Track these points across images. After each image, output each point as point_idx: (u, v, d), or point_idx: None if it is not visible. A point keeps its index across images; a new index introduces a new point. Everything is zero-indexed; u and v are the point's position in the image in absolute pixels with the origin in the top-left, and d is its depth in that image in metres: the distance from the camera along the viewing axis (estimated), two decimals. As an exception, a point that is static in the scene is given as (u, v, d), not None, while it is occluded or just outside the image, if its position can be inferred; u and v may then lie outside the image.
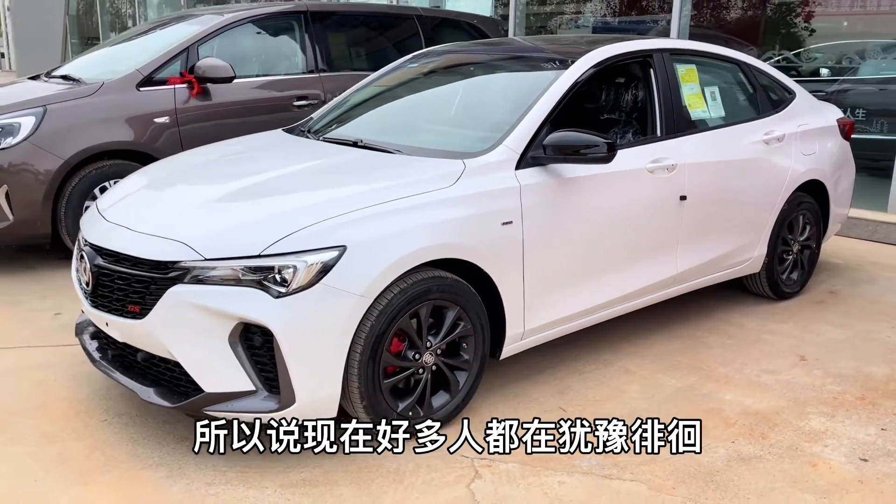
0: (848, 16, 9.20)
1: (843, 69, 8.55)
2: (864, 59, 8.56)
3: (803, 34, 9.03)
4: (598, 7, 10.15)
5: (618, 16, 10.17)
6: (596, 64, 3.54)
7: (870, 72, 8.36)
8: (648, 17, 10.02)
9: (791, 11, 8.86)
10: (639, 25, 9.89)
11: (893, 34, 8.33)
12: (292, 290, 2.55)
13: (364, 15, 6.60)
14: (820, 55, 8.82)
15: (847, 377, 3.56)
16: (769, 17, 9.16)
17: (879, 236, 6.13)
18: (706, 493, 2.61)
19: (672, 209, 3.68)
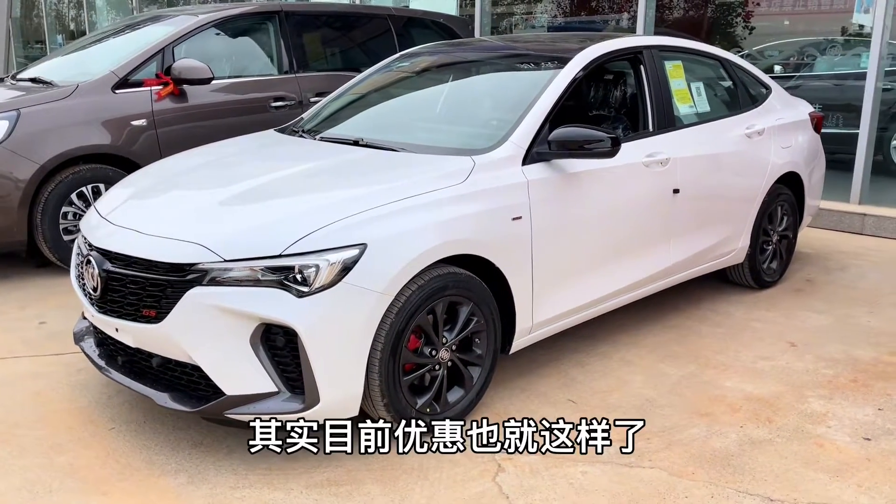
0: (800, 14, 9.53)
1: (798, 65, 8.85)
2: (819, 56, 8.87)
3: (759, 32, 9.32)
4: (558, 7, 10.30)
5: (576, 16, 10.34)
6: (592, 60, 3.61)
7: (825, 68, 8.66)
8: (609, 17, 10.22)
9: (745, 10, 9.13)
10: (595, 25, 10.09)
11: (831, 32, 8.67)
12: (315, 289, 2.54)
13: (338, 15, 6.57)
14: (776, 52, 9.11)
15: (837, 361, 3.69)
16: (722, 16, 9.43)
17: (844, 226, 6.36)
18: (725, 477, 2.68)
19: (666, 202, 3.77)
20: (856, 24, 8.54)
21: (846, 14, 8.82)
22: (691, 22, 9.42)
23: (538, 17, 10.38)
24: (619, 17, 10.22)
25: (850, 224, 6.33)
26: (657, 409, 3.19)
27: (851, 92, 7.53)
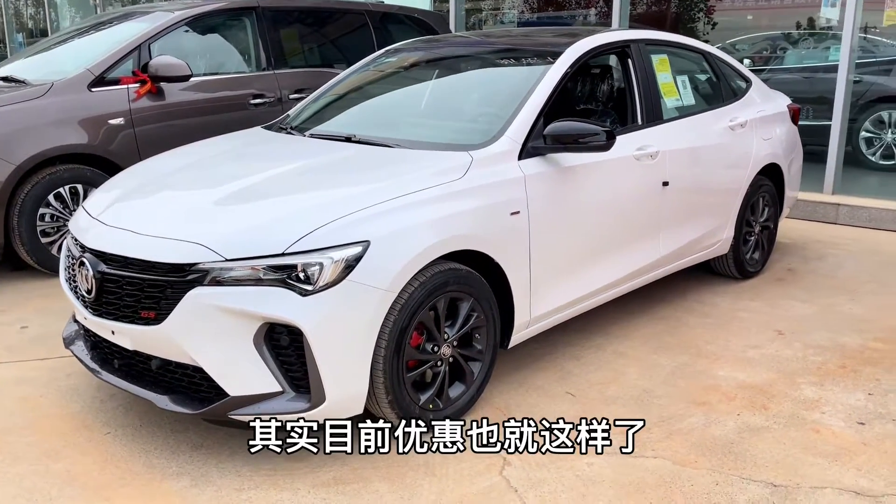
0: (766, 10, 9.70)
1: (768, 58, 9.00)
2: (789, 49, 9.03)
3: (729, 26, 9.45)
4: (526, 3, 10.36)
5: (544, 12, 10.41)
6: (583, 54, 3.62)
7: (794, 61, 8.82)
8: (577, 12, 10.30)
9: (710, 4, 9.27)
10: (564, 20, 10.16)
11: (798, 26, 8.84)
12: (319, 287, 2.52)
13: (315, 10, 6.50)
14: (746, 46, 9.24)
15: (825, 348, 3.76)
16: (685, 10, 9.56)
17: (818, 216, 6.49)
18: (727, 464, 2.72)
19: (656, 195, 3.80)
20: (823, 18, 8.73)
21: (814, 8, 9.01)
22: (659, 16, 9.54)
23: (506, 13, 10.42)
24: (587, 12, 10.31)
25: (825, 214, 6.46)
26: (654, 399, 3.23)
27: (821, 84, 7.67)
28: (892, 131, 7.63)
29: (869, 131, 7.73)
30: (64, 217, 4.87)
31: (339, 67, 6.40)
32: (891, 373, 3.48)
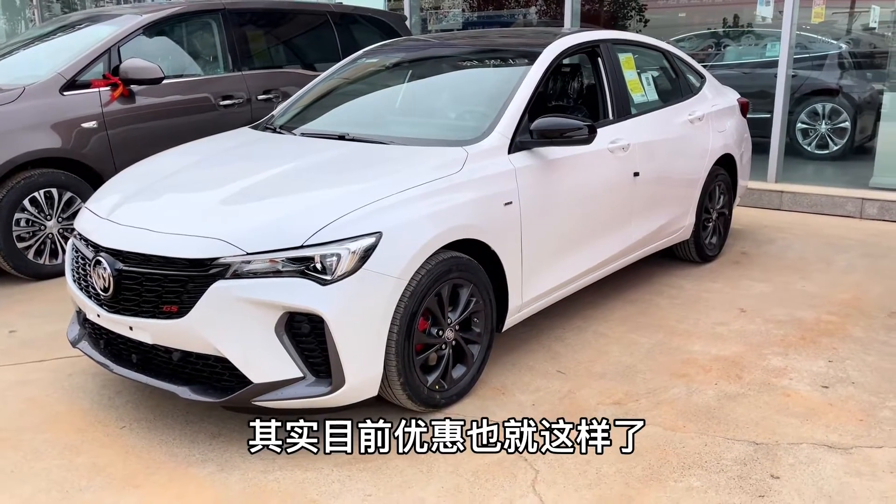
0: (701, 7, 10.16)
1: (709, 56, 9.43)
2: (728, 46, 9.49)
3: (660, 24, 9.88)
4: (470, 4, 10.62)
5: (484, 10, 10.71)
6: (560, 53, 3.85)
7: (733, 57, 9.27)
8: (516, 11, 10.61)
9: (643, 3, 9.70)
10: (505, 19, 10.47)
11: (734, 23, 9.32)
12: (338, 276, 2.67)
13: (279, 12, 6.59)
14: (686, 43, 9.66)
15: (784, 322, 4.08)
16: (619, 9, 9.96)
17: (764, 203, 6.90)
18: (712, 427, 2.98)
19: (628, 185, 4.06)
20: (759, 16, 9.20)
21: (745, 6, 9.49)
22: (594, 15, 9.89)
23: (450, 13, 10.64)
24: (527, 11, 10.62)
25: (770, 201, 6.87)
26: (638, 374, 3.48)
27: (760, 80, 8.12)
28: (826, 122, 8.13)
29: (805, 123, 8.22)
30: (40, 222, 4.87)
31: (305, 67, 6.53)
32: (845, 342, 3.81)
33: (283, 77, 6.25)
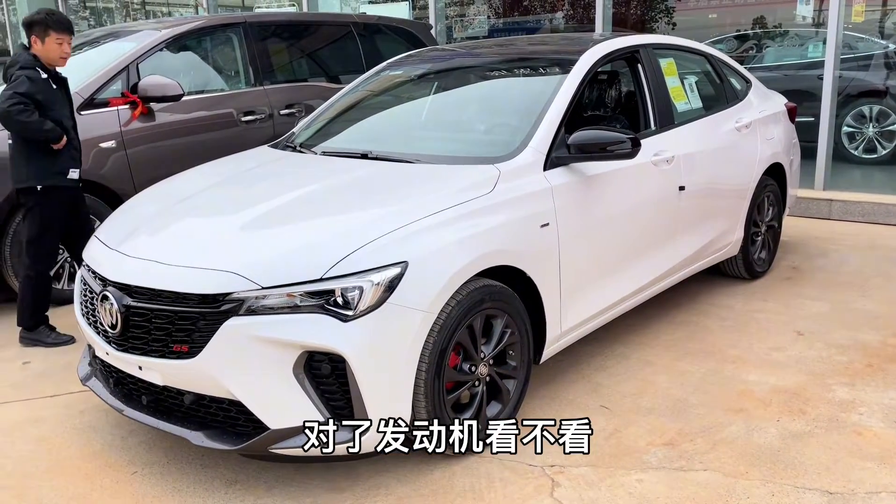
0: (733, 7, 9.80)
1: (747, 58, 9.08)
2: (765, 48, 9.12)
3: (690, 25, 9.53)
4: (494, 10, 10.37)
5: (509, 17, 10.44)
6: (597, 61, 3.59)
7: (772, 59, 8.91)
8: (542, 16, 10.33)
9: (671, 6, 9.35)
10: (531, 25, 10.19)
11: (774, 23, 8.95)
12: (360, 312, 2.43)
13: (301, 24, 6.42)
14: (722, 45, 9.32)
15: (847, 347, 3.76)
16: (650, 10, 9.62)
17: (812, 212, 6.54)
18: (779, 473, 2.68)
19: (674, 200, 3.78)
20: (799, 16, 8.82)
21: (778, 6, 9.12)
22: (635, 18, 9.57)
23: (475, 21, 10.41)
24: (553, 16, 10.33)
25: (818, 210, 6.51)
26: (690, 408, 3.18)
27: (803, 81, 7.77)
28: (873, 125, 7.74)
29: (851, 126, 7.83)
30: (57, 246, 4.71)
31: (329, 80, 6.34)
32: (917, 369, 3.48)
33: (306, 91, 6.06)
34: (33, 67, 3.93)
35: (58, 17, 4.01)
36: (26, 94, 3.81)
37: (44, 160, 3.95)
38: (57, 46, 3.96)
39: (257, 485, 2.72)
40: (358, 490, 2.67)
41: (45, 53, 3.96)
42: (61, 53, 3.99)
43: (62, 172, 3.99)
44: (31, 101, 3.83)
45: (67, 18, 4.08)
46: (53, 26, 3.93)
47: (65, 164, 4.00)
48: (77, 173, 4.07)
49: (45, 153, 3.94)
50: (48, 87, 3.96)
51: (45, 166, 3.96)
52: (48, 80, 3.97)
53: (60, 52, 3.98)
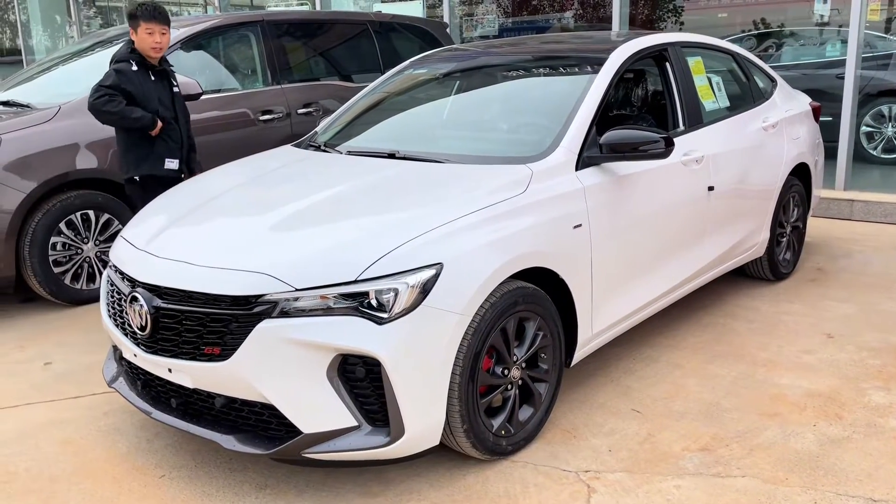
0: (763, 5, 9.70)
1: (764, 57, 9.00)
2: (783, 47, 9.04)
3: (698, 25, 9.43)
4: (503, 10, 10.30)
5: (518, 16, 10.37)
6: (627, 59, 3.53)
7: (790, 58, 8.83)
8: (551, 16, 10.25)
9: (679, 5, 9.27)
10: (541, 24, 10.12)
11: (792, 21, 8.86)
12: (395, 314, 2.38)
13: (318, 22, 6.38)
14: (738, 45, 9.23)
15: (879, 350, 3.69)
16: (659, 8, 9.53)
17: (833, 213, 6.47)
18: (819, 480, 2.62)
19: (703, 200, 3.72)
20: (816, 14, 8.74)
21: (795, 4, 9.04)
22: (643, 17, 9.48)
23: (485, 19, 10.34)
24: (562, 15, 10.26)
25: (839, 211, 6.44)
26: (724, 413, 3.13)
27: (821, 80, 7.69)
28: (892, 125, 7.66)
29: (869, 125, 7.75)
30: (76, 245, 4.68)
31: (346, 79, 6.29)
32: (952, 373, 3.42)
33: (323, 90, 6.02)
34: (126, 60, 4.00)
35: (147, 6, 4.00)
36: (112, 86, 3.90)
37: (140, 150, 4.03)
38: (147, 37, 3.96)
39: (288, 489, 2.68)
40: (390, 495, 2.62)
41: (140, 45, 3.99)
42: (151, 44, 3.97)
43: (159, 161, 4.04)
44: (117, 93, 3.90)
45: (160, 8, 4.04)
46: (142, 16, 3.94)
47: (161, 153, 4.04)
48: (176, 163, 4.09)
49: (141, 143, 4.02)
50: (141, 78, 4.00)
51: (141, 156, 4.03)
52: (142, 72, 4.00)
53: (151, 42, 3.97)
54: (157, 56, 4.06)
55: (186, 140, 4.24)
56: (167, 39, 4.06)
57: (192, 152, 4.30)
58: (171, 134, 4.07)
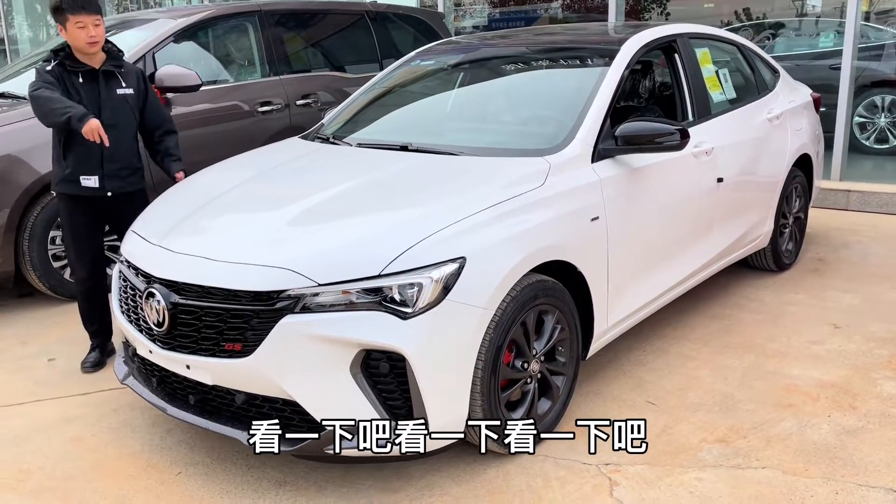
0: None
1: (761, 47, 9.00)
2: (776, 38, 9.06)
3: (694, 16, 9.42)
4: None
5: (506, 5, 10.32)
6: (639, 50, 3.52)
7: (783, 49, 8.85)
8: (538, 6, 10.20)
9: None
10: (530, 14, 10.08)
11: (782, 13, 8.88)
12: (420, 309, 2.36)
13: (316, 13, 6.31)
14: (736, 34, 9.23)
15: (886, 340, 3.72)
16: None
17: (829, 203, 6.50)
18: (839, 471, 2.64)
19: (712, 192, 3.73)
20: (809, 4, 8.76)
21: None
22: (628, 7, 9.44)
23: (475, 10, 10.30)
24: (549, 6, 10.22)
25: (836, 201, 6.48)
26: (738, 404, 3.14)
27: (815, 72, 7.71)
28: (885, 116, 7.70)
29: (862, 116, 7.79)
30: (76, 239, 4.61)
31: (341, 70, 6.23)
32: (959, 362, 3.45)
33: (321, 81, 5.97)
34: (48, 60, 3.42)
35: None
36: (34, 90, 3.31)
37: (59, 164, 3.50)
38: (79, 31, 3.30)
39: (308, 486, 2.65)
40: (411, 490, 2.61)
41: (72, 42, 3.36)
42: (86, 38, 3.31)
43: (72, 181, 3.47)
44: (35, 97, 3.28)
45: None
46: (69, 8, 3.27)
47: (76, 168, 3.44)
48: (94, 180, 3.45)
49: (62, 156, 3.47)
50: (66, 79, 3.37)
51: (58, 171, 3.52)
52: (69, 73, 3.37)
53: (84, 36, 3.31)
54: (94, 51, 3.38)
55: (134, 152, 3.58)
56: (102, 30, 3.37)
57: (167, 157, 3.66)
58: (89, 147, 3.31)
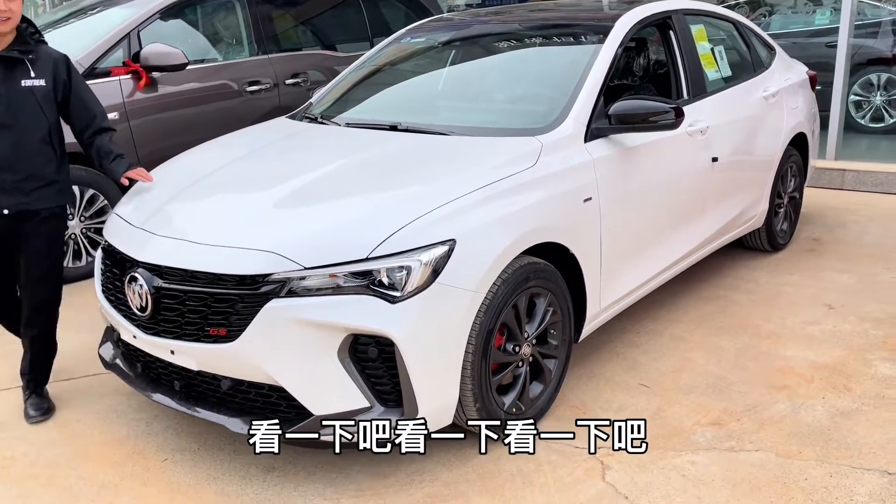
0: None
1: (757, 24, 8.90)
2: (771, 15, 8.96)
3: None
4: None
5: None
6: (632, 27, 3.44)
7: (779, 27, 8.75)
8: None
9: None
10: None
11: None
12: (408, 293, 2.32)
13: (305, -11, 6.19)
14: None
15: (881, 320, 3.69)
16: None
17: (824, 182, 6.45)
18: (833, 453, 2.61)
19: (707, 171, 3.67)
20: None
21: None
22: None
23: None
24: None
25: (831, 180, 6.43)
26: (731, 386, 3.11)
27: (811, 49, 7.63)
28: (880, 94, 7.64)
29: (858, 94, 7.72)
30: (61, 221, 4.53)
31: (330, 48, 6.13)
32: (954, 343, 3.42)
33: (310, 59, 5.86)
34: None
35: None
36: None
37: None
38: None
39: (296, 471, 2.62)
40: (401, 476, 2.57)
41: None
42: None
43: None
44: None
45: None
46: None
47: None
48: None
49: None
50: None
51: None
52: None
53: None
54: (5, 30, 2.73)
55: (47, 159, 2.98)
56: (18, 4, 2.73)
57: (104, 158, 3.10)
58: None
